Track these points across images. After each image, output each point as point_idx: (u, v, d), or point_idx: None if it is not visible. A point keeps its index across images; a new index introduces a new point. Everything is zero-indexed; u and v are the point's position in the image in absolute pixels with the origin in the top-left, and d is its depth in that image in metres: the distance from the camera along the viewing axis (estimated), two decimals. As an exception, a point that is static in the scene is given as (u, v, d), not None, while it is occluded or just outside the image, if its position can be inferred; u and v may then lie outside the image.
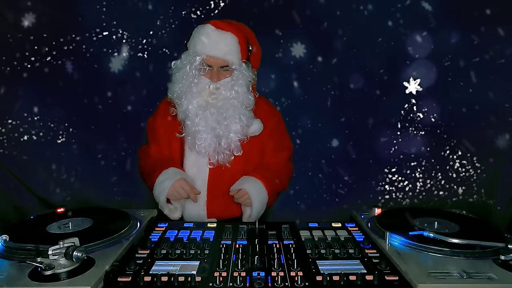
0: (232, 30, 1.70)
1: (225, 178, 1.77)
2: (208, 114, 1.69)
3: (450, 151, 2.49)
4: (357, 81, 2.44)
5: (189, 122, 1.70)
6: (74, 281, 1.01)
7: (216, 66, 1.69)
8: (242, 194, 1.71)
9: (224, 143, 1.71)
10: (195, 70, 1.69)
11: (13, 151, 2.38)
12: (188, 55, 1.71)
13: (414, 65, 2.41)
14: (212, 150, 1.71)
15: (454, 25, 2.34)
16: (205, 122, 1.69)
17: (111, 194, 2.48)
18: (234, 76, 1.70)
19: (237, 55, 1.70)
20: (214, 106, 1.70)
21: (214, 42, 1.67)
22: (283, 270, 1.08)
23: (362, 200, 2.51)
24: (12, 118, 2.38)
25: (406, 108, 2.47)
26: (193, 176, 1.75)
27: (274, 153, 1.89)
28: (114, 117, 2.46)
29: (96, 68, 2.40)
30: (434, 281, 1.02)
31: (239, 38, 1.70)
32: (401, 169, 2.53)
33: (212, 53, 1.67)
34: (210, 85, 1.69)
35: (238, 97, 1.70)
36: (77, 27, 2.36)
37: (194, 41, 1.71)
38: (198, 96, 1.69)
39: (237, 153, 1.74)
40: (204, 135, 1.69)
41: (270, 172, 1.82)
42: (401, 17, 2.36)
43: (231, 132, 1.71)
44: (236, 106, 1.70)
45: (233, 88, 1.70)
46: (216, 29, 1.69)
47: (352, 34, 2.40)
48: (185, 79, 1.69)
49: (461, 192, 2.51)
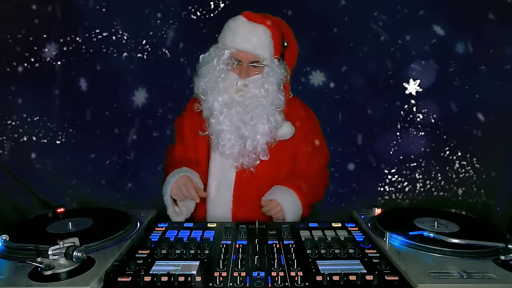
0: (265, 23, 1.57)
1: (252, 184, 1.64)
2: (233, 112, 1.57)
3: (450, 152, 2.49)
4: (356, 81, 2.44)
5: (213, 120, 1.60)
6: (74, 281, 1.01)
7: (246, 61, 1.57)
8: (273, 206, 1.58)
9: (249, 145, 1.59)
10: (223, 64, 1.58)
11: (13, 151, 2.38)
12: (216, 48, 1.60)
13: (414, 66, 2.41)
14: (236, 152, 1.60)
15: (455, 26, 2.34)
16: (229, 121, 1.58)
17: (111, 194, 2.48)
18: (265, 73, 1.58)
19: (269, 50, 1.57)
20: (240, 104, 1.58)
21: (245, 34, 1.55)
22: (283, 270, 1.08)
23: (362, 201, 2.50)
24: (11, 119, 2.38)
25: (406, 109, 2.47)
26: (218, 180, 1.64)
27: (309, 159, 1.75)
28: (114, 117, 2.46)
29: (96, 68, 2.40)
30: (434, 281, 1.02)
31: (272, 32, 1.58)
32: (401, 170, 2.53)
33: (241, 46, 1.55)
34: (238, 81, 1.58)
35: (267, 96, 1.58)
36: (77, 27, 2.36)
37: (224, 33, 1.60)
38: (225, 92, 1.58)
39: (264, 157, 1.61)
40: (228, 135, 1.58)
41: (305, 181, 1.67)
42: (401, 17, 2.36)
43: (257, 133, 1.59)
44: (264, 106, 1.58)
45: (262, 86, 1.58)
46: (248, 21, 1.57)
47: (350, 33, 2.39)
48: (212, 74, 1.58)
49: (461, 193, 2.50)
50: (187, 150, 1.75)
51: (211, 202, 1.66)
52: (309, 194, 1.66)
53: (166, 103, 2.46)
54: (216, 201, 1.66)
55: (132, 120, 2.47)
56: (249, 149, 1.60)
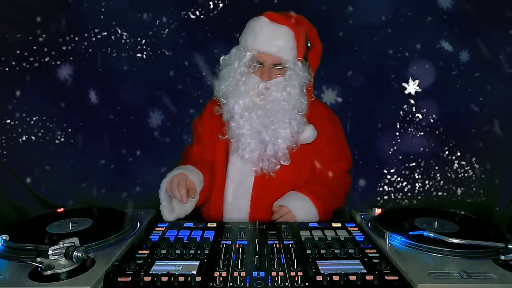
0: (288, 24, 1.52)
1: (271, 189, 1.60)
2: (254, 116, 1.53)
3: (449, 152, 2.49)
4: (356, 81, 2.44)
5: (234, 123, 1.56)
6: (74, 281, 1.01)
7: (268, 63, 1.52)
8: (283, 212, 1.53)
9: (270, 150, 1.56)
10: (244, 67, 1.53)
11: (12, 151, 2.38)
12: (237, 50, 1.55)
13: (413, 66, 2.40)
14: (256, 156, 1.56)
15: (454, 26, 2.34)
16: (250, 125, 1.54)
17: (111, 194, 2.48)
18: (287, 76, 1.54)
19: (293, 52, 1.53)
20: (261, 108, 1.54)
21: (267, 36, 1.50)
22: (283, 270, 1.08)
23: (361, 201, 2.51)
24: (10, 118, 2.38)
25: (405, 109, 2.47)
26: (236, 183, 1.61)
27: (329, 163, 1.70)
28: (113, 117, 2.46)
29: (95, 68, 2.40)
30: (434, 281, 1.02)
31: (296, 33, 1.52)
32: (400, 170, 2.53)
33: (264, 48, 1.50)
34: (260, 84, 1.53)
35: (289, 100, 1.53)
36: (76, 27, 2.36)
37: (246, 34, 1.55)
38: (246, 95, 1.54)
39: (284, 162, 1.57)
40: (248, 139, 1.55)
41: (324, 187, 1.63)
42: (402, 17, 2.37)
43: (278, 138, 1.55)
44: (286, 110, 1.53)
45: (285, 89, 1.53)
46: (271, 22, 1.51)
47: (350, 32, 2.39)
48: (233, 77, 1.54)
49: (460, 193, 2.51)
50: (204, 151, 1.71)
51: (228, 206, 1.63)
52: (327, 201, 1.61)
53: (166, 103, 2.46)
54: (233, 205, 1.63)
55: (132, 121, 2.47)
56: (269, 153, 1.56)
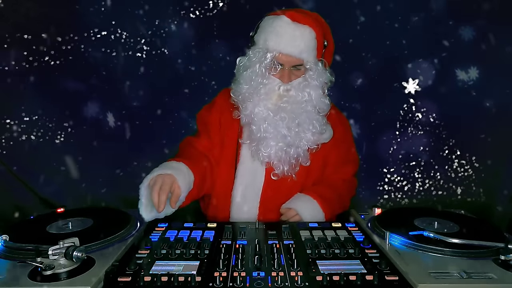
0: (310, 24, 1.48)
1: (282, 190, 1.58)
2: (278, 119, 1.50)
3: (449, 151, 2.49)
4: (355, 81, 2.44)
5: (255, 127, 1.51)
6: (74, 281, 1.01)
7: (289, 64, 1.49)
8: (291, 215, 1.52)
9: (293, 152, 1.52)
10: (265, 69, 1.49)
11: (12, 151, 2.38)
12: (257, 51, 1.49)
13: (413, 65, 2.41)
14: (277, 159, 1.53)
15: (454, 24, 2.34)
16: (274, 129, 1.50)
17: (111, 194, 2.48)
18: (308, 76, 1.51)
19: (314, 52, 1.49)
20: (285, 110, 1.50)
21: (290, 37, 1.45)
22: (283, 270, 1.08)
23: (361, 200, 2.51)
24: (10, 118, 2.38)
25: (405, 108, 2.47)
26: (245, 184, 1.57)
27: (337, 166, 1.70)
28: (113, 116, 2.46)
29: (95, 67, 2.40)
30: (434, 281, 1.02)
31: (317, 32, 1.49)
32: (400, 169, 2.53)
33: (286, 50, 1.46)
34: (281, 86, 1.50)
35: (310, 101, 1.51)
36: (76, 27, 2.35)
37: (265, 34, 1.49)
38: (266, 98, 1.50)
39: (305, 164, 1.55)
40: (271, 142, 1.51)
41: (331, 189, 1.62)
42: (401, 17, 2.36)
43: (302, 140, 1.52)
44: (309, 111, 1.51)
45: (305, 90, 1.50)
46: (292, 22, 1.47)
47: (351, 33, 2.39)
48: (254, 80, 1.49)
49: (460, 192, 2.51)
50: (213, 146, 1.64)
51: (236, 206, 1.60)
52: (333, 204, 1.60)
53: (166, 102, 2.45)
54: (241, 206, 1.60)
55: (133, 120, 2.47)
56: (293, 156, 1.53)
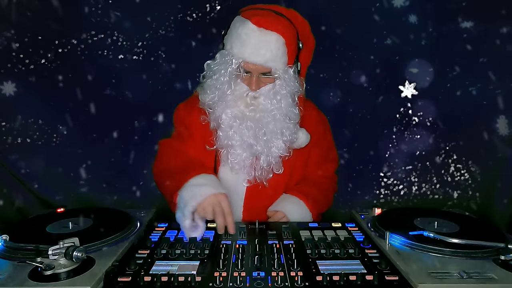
0: (278, 30, 1.40)
1: (264, 195, 1.56)
2: (244, 127, 1.45)
3: (445, 155, 2.49)
4: (352, 84, 2.44)
5: (222, 133, 1.47)
6: (74, 281, 1.01)
7: (256, 72, 1.43)
8: (279, 217, 1.50)
9: (263, 161, 1.48)
10: (231, 75, 1.43)
11: (13, 152, 2.38)
12: (223, 57, 1.45)
13: (410, 69, 2.40)
14: (248, 166, 1.50)
15: (451, 28, 2.34)
16: (240, 137, 1.45)
17: (111, 194, 2.48)
18: (277, 85, 1.45)
19: (283, 59, 1.43)
20: (251, 119, 1.45)
21: (254, 46, 1.39)
22: (283, 270, 1.08)
23: (357, 204, 2.50)
24: (7, 120, 2.37)
25: (402, 112, 2.47)
26: (227, 189, 1.47)
27: (319, 165, 1.67)
28: (110, 118, 2.46)
29: (92, 70, 2.39)
30: (434, 281, 1.02)
31: (286, 39, 1.42)
32: (396, 173, 2.53)
33: (251, 59, 1.40)
34: (248, 93, 1.45)
35: (280, 108, 1.45)
36: (73, 29, 2.35)
37: (231, 39, 1.44)
38: (234, 105, 1.45)
39: (278, 171, 1.51)
40: (238, 150, 1.47)
41: (315, 188, 1.60)
42: (399, 19, 2.37)
43: (271, 148, 1.47)
44: (278, 119, 1.45)
45: (275, 97, 1.45)
46: (258, 29, 1.39)
47: (348, 35, 2.39)
48: (219, 88, 1.44)
49: (456, 196, 2.51)
50: (198, 151, 1.57)
51: None
52: (319, 203, 1.60)
53: (163, 104, 2.45)
54: None
55: (132, 121, 2.47)
56: (263, 164, 1.49)
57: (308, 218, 1.55)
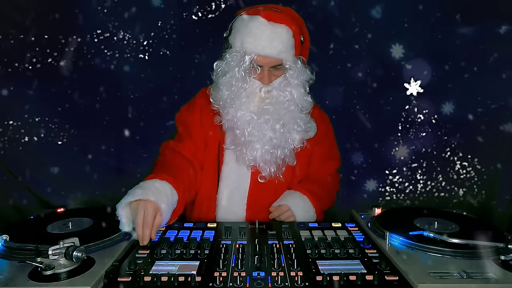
0: (286, 22, 1.44)
1: (269, 191, 1.57)
2: (262, 122, 1.47)
3: (451, 152, 2.49)
4: (357, 82, 2.44)
5: (239, 131, 1.48)
6: (74, 281, 1.01)
7: (268, 65, 1.45)
8: (283, 210, 1.49)
9: (280, 153, 1.50)
10: (244, 72, 1.45)
11: (14, 151, 2.38)
12: (235, 54, 1.45)
13: (415, 66, 2.41)
14: (263, 162, 1.50)
15: (455, 25, 2.34)
16: (259, 132, 1.47)
17: (112, 194, 2.48)
18: (288, 76, 1.48)
19: (292, 51, 1.46)
20: (268, 112, 1.47)
21: (268, 38, 1.41)
22: (283, 270, 1.08)
23: (362, 201, 2.51)
24: (13, 119, 2.38)
25: (407, 110, 2.47)
26: (231, 187, 1.55)
27: (321, 163, 1.69)
28: (115, 118, 2.46)
29: (97, 69, 2.40)
30: (434, 281, 1.02)
31: (294, 30, 1.46)
32: (402, 171, 2.53)
33: (265, 52, 1.42)
34: (262, 88, 1.47)
35: (293, 99, 1.48)
36: (78, 28, 2.35)
37: (241, 36, 1.45)
38: (248, 102, 1.47)
39: (292, 163, 1.53)
40: (257, 145, 1.48)
41: (318, 186, 1.61)
42: (402, 17, 2.37)
43: (289, 140, 1.50)
44: (292, 110, 1.48)
45: (286, 89, 1.48)
46: (269, 22, 1.42)
47: (350, 31, 2.39)
48: (235, 85, 1.45)
49: (462, 193, 2.51)
50: (197, 150, 1.59)
51: (222, 210, 1.57)
52: (323, 200, 1.60)
53: (168, 104, 2.45)
54: (228, 209, 1.58)
55: (135, 121, 2.47)
56: (280, 157, 1.51)
57: (311, 214, 1.55)
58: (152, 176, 1.38)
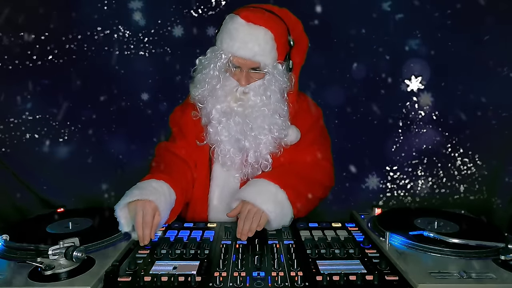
0: (266, 25, 1.41)
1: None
2: (231, 123, 1.45)
3: (452, 149, 2.49)
4: (358, 78, 2.44)
5: (212, 129, 1.48)
6: (74, 281, 1.01)
7: (246, 67, 1.43)
8: (245, 210, 1.34)
9: (251, 157, 1.48)
10: (220, 70, 1.44)
11: (14, 150, 2.38)
12: (213, 52, 1.46)
13: (416, 63, 2.40)
14: (238, 162, 1.49)
15: (456, 23, 2.34)
16: (228, 132, 1.46)
17: (112, 194, 2.48)
18: (266, 80, 1.45)
19: (271, 54, 1.43)
20: (239, 114, 1.45)
21: (242, 40, 1.40)
22: (283, 270, 1.08)
23: (363, 199, 2.51)
24: (14, 117, 2.38)
25: (408, 106, 2.47)
26: (221, 187, 1.54)
27: (310, 148, 1.61)
28: (116, 115, 2.46)
29: (98, 66, 2.39)
30: (434, 281, 1.02)
31: (275, 33, 1.42)
32: (403, 167, 2.53)
33: (239, 53, 1.41)
34: (238, 88, 1.45)
35: (269, 104, 1.45)
36: (79, 25, 2.35)
37: (222, 35, 1.45)
38: (223, 100, 1.46)
39: (266, 169, 1.49)
40: (227, 146, 1.47)
41: (286, 167, 1.53)
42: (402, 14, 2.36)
43: (260, 144, 1.47)
44: (266, 115, 1.45)
45: (264, 93, 1.45)
46: (247, 23, 1.41)
47: (351, 29, 2.39)
48: (208, 82, 1.45)
49: (463, 190, 2.51)
50: (191, 150, 1.58)
51: (214, 209, 1.57)
52: (290, 178, 1.47)
53: (169, 101, 2.45)
54: (219, 209, 1.56)
55: (136, 120, 2.47)
56: (251, 161, 1.49)
57: (283, 200, 1.39)
58: (149, 176, 1.39)
